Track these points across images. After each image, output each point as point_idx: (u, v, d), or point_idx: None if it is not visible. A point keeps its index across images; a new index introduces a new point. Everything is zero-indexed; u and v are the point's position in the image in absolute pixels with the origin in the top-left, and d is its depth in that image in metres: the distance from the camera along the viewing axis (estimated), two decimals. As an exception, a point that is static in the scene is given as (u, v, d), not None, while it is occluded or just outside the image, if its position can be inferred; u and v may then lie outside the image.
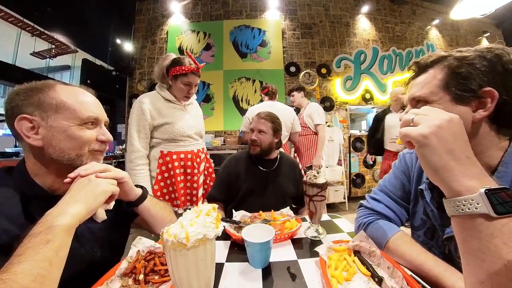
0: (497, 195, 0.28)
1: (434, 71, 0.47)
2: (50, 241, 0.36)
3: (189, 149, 1.25)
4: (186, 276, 0.41)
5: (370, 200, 0.69)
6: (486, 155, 0.44)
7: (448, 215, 0.33)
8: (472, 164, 0.32)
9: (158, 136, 1.20)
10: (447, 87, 0.44)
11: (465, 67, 0.43)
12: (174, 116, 1.21)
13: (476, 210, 0.29)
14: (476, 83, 0.42)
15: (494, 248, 0.27)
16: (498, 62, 0.42)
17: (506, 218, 0.27)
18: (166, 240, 0.40)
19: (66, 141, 0.51)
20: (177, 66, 1.17)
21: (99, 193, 0.46)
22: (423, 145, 0.35)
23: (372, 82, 3.88)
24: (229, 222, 0.78)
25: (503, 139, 0.44)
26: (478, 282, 0.29)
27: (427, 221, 0.57)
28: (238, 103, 3.64)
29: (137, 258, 0.54)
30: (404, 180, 0.65)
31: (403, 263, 0.51)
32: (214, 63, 3.68)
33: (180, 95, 1.22)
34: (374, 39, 4.01)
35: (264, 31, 3.75)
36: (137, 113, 1.16)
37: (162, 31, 3.76)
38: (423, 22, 4.25)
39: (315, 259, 0.58)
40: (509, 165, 0.41)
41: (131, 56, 3.68)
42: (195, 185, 1.25)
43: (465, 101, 0.43)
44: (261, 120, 1.13)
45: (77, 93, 0.54)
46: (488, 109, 0.42)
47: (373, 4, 4.02)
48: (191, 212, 0.47)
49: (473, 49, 0.45)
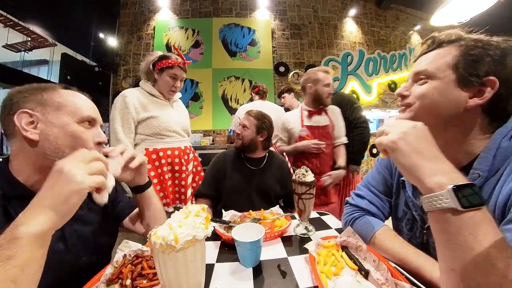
0: (463, 190, 0.30)
1: (450, 48, 0.47)
2: (12, 258, 0.31)
3: (176, 146, 1.21)
4: (175, 279, 0.40)
5: (355, 196, 0.71)
6: (471, 143, 0.46)
7: (425, 211, 0.35)
8: (440, 162, 0.35)
9: (143, 132, 1.14)
10: (456, 66, 0.44)
11: (479, 50, 0.43)
12: (159, 110, 1.17)
13: (446, 205, 0.31)
14: (484, 69, 0.42)
15: (462, 238, 0.30)
16: (510, 55, 0.42)
17: (472, 211, 0.30)
18: (154, 242, 0.39)
19: (64, 137, 0.50)
20: (164, 60, 1.16)
21: (70, 193, 0.37)
22: (393, 150, 0.38)
23: (358, 83, 4.01)
24: (219, 222, 0.77)
25: (490, 131, 0.45)
26: (449, 269, 0.32)
27: (407, 212, 0.60)
28: (227, 102, 3.61)
29: (124, 262, 0.52)
30: (386, 175, 0.67)
31: (388, 256, 0.53)
32: (203, 61, 3.62)
33: (166, 88, 1.18)
34: (361, 42, 4.14)
35: (254, 30, 3.75)
36: (120, 107, 1.11)
37: (149, 27, 3.64)
38: (406, 27, 4.46)
39: (304, 255, 0.59)
40: (491, 151, 0.43)
41: (116, 52, 3.53)
42: (183, 183, 1.21)
43: (468, 85, 0.43)
44: (247, 117, 1.17)
45: (78, 95, 0.57)
46: (484, 98, 0.43)
47: (359, 8, 4.16)
48: (180, 213, 0.46)
49: (491, 38, 0.45)
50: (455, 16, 1.95)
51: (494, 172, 0.42)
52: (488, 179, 0.43)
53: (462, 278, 0.30)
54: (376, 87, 4.10)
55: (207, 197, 1.14)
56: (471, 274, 0.29)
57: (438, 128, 0.45)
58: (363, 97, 4.03)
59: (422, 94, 0.47)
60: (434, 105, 0.46)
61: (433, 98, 0.46)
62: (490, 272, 0.27)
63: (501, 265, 0.27)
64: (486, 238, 0.29)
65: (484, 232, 0.29)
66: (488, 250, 0.28)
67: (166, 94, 1.21)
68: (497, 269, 0.27)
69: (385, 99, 4.14)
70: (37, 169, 0.50)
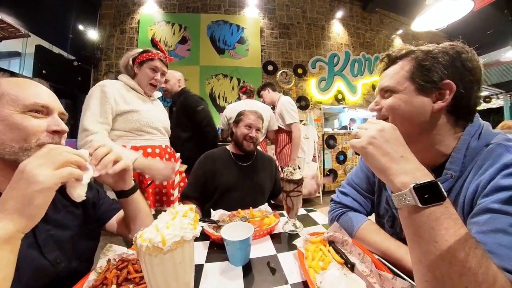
0: (423, 189, 0.33)
1: (403, 62, 0.51)
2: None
3: (156, 144, 1.13)
4: (164, 282, 0.39)
5: (339, 194, 0.74)
6: (443, 145, 0.49)
7: (396, 207, 0.38)
8: (406, 162, 0.37)
9: (120, 127, 1.03)
10: (412, 77, 0.49)
11: (430, 60, 0.48)
12: (140, 104, 1.09)
13: (409, 202, 0.34)
14: (437, 75, 0.47)
15: (425, 232, 0.33)
16: (457, 57, 0.47)
17: (431, 207, 0.32)
18: (140, 245, 0.37)
19: (6, 131, 0.44)
20: (144, 53, 1.11)
21: (33, 194, 0.35)
22: (364, 154, 0.41)
23: (344, 83, 4.13)
24: (208, 222, 0.76)
25: (459, 130, 0.49)
26: (417, 260, 0.35)
27: (388, 210, 0.64)
28: (215, 100, 3.56)
29: (108, 267, 0.50)
30: (369, 173, 0.71)
31: (371, 249, 0.56)
32: (190, 58, 3.53)
33: (145, 81, 1.11)
34: (347, 43, 4.26)
35: (242, 28, 3.72)
36: (97, 97, 0.98)
37: (133, 20, 3.48)
38: (389, 31, 4.67)
39: (293, 252, 0.60)
40: (461, 151, 0.46)
41: (97, 46, 3.34)
42: (165, 183, 1.15)
43: (427, 91, 0.48)
44: (259, 120, 1.17)
45: (22, 82, 0.49)
46: (446, 100, 0.46)
47: (346, 10, 4.27)
48: (167, 214, 0.45)
49: (439, 45, 0.50)
50: (433, 23, 2.09)
51: (464, 171, 0.46)
52: (459, 178, 0.46)
53: (428, 269, 0.32)
54: (361, 87, 4.25)
55: (193, 199, 1.12)
56: (436, 265, 0.31)
57: (415, 134, 0.49)
58: (348, 97, 4.16)
59: (391, 107, 0.51)
60: (404, 115, 0.49)
61: (400, 108, 0.50)
62: (452, 263, 0.30)
63: (461, 255, 0.29)
64: (447, 232, 0.31)
65: (445, 226, 0.31)
66: (449, 243, 0.30)
67: (145, 87, 1.13)
68: (459, 259, 0.29)
69: (369, 99, 4.31)
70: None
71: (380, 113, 0.55)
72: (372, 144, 0.40)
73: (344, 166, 4.08)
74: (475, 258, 0.29)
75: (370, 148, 0.40)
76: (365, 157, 0.41)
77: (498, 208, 0.36)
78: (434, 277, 0.32)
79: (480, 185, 0.41)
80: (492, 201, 0.38)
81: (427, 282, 0.33)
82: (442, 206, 0.32)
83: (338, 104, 4.13)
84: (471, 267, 0.29)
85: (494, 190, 0.38)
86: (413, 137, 0.46)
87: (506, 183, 0.37)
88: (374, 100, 0.57)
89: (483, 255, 0.30)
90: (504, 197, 0.36)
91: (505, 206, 0.36)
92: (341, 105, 4.17)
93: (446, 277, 0.30)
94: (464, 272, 0.29)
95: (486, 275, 0.28)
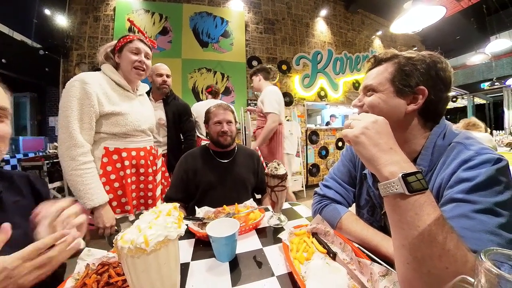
0: (410, 178, 0.36)
1: (387, 65, 0.56)
2: None
3: (141, 146, 1.08)
4: (148, 283, 0.38)
5: (323, 187, 0.77)
6: (413, 142, 0.55)
7: (382, 195, 0.40)
8: (394, 153, 0.40)
9: (104, 130, 0.96)
10: (393, 80, 0.53)
11: (410, 66, 0.52)
12: (127, 105, 1.02)
13: (396, 190, 0.37)
14: (414, 81, 0.52)
15: (409, 218, 0.36)
16: (433, 67, 0.52)
17: (417, 195, 0.36)
18: (121, 247, 0.36)
19: None
20: (121, 39, 1.03)
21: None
22: (356, 143, 0.43)
23: (326, 81, 4.25)
24: (192, 219, 0.75)
25: (427, 130, 0.55)
26: (400, 245, 0.38)
27: (369, 201, 0.69)
28: (198, 95, 3.46)
29: (87, 273, 0.47)
30: (351, 167, 0.75)
31: (352, 238, 0.60)
32: (171, 50, 3.38)
33: (129, 66, 1.01)
34: (330, 42, 4.37)
35: (226, 21, 3.63)
36: (78, 97, 0.88)
37: (108, 7, 3.23)
38: (370, 31, 4.88)
39: (278, 245, 0.62)
40: (429, 149, 0.52)
41: (67, 33, 3.05)
42: (150, 186, 1.11)
43: (404, 94, 0.53)
44: (227, 112, 1.14)
45: None
46: (418, 104, 0.52)
47: (330, 9, 4.36)
48: (149, 214, 0.43)
49: (420, 53, 0.54)
50: (410, 26, 2.25)
51: (432, 166, 0.52)
52: (428, 172, 0.52)
53: (410, 252, 0.36)
54: (342, 85, 4.41)
55: (177, 201, 1.08)
56: (418, 247, 0.35)
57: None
58: (331, 94, 4.30)
59: (371, 104, 0.56)
60: (382, 113, 0.53)
61: (379, 106, 0.54)
62: (432, 245, 0.33)
63: (440, 238, 0.33)
64: (429, 217, 0.34)
65: (427, 212, 0.35)
66: (430, 227, 0.34)
67: (130, 74, 1.04)
68: (438, 242, 0.33)
69: (350, 97, 4.49)
70: None
71: (361, 109, 0.58)
72: (364, 134, 0.42)
73: (326, 161, 4.23)
74: (452, 241, 0.33)
75: (362, 137, 0.42)
76: (356, 146, 0.43)
77: (462, 197, 0.41)
78: (415, 258, 0.35)
79: (445, 178, 0.47)
80: (456, 192, 0.42)
81: (409, 264, 0.36)
82: (425, 195, 0.36)
83: (321, 101, 4.25)
84: (450, 249, 0.32)
85: (457, 182, 0.44)
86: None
87: (466, 175, 0.43)
88: (356, 97, 0.60)
89: (458, 239, 0.33)
90: (465, 187, 0.42)
91: (467, 195, 0.41)
92: (324, 102, 4.30)
93: (427, 258, 0.33)
94: (443, 253, 0.32)
95: (461, 256, 0.32)
